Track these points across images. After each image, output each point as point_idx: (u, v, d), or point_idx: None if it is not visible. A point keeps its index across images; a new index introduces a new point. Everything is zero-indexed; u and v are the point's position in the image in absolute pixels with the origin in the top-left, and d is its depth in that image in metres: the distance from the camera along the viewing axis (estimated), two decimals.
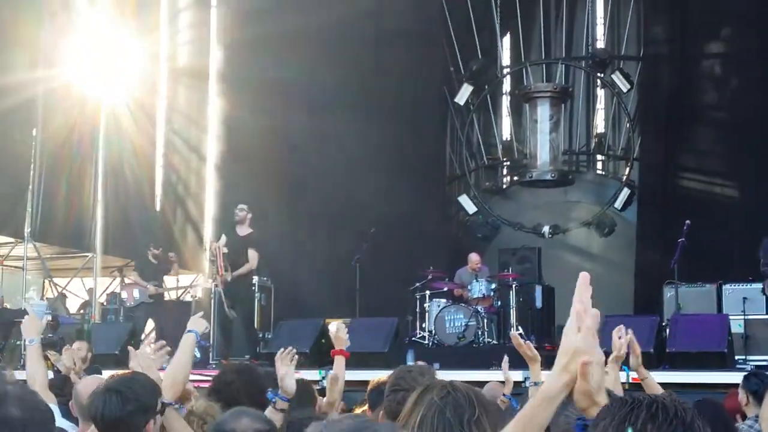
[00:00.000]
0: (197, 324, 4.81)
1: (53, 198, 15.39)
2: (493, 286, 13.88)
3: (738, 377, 6.97)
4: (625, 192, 18.04)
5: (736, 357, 11.39)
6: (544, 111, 18.35)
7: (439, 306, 13.47)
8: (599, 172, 20.52)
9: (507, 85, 20.47)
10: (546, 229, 18.35)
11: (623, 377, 5.37)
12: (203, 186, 17.97)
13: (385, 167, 17.53)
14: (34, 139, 15.10)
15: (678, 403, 1.98)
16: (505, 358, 7.21)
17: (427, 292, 13.96)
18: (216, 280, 12.91)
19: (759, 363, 11.12)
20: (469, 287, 13.82)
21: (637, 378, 5.28)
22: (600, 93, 20.08)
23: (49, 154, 15.30)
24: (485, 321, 13.28)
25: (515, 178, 20.04)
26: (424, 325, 13.67)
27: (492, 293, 13.75)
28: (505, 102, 20.53)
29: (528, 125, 18.92)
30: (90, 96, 15.99)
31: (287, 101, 17.41)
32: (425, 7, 18.81)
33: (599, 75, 19.00)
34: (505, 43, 20.15)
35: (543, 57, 19.64)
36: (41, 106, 15.18)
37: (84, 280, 16.95)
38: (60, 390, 6.00)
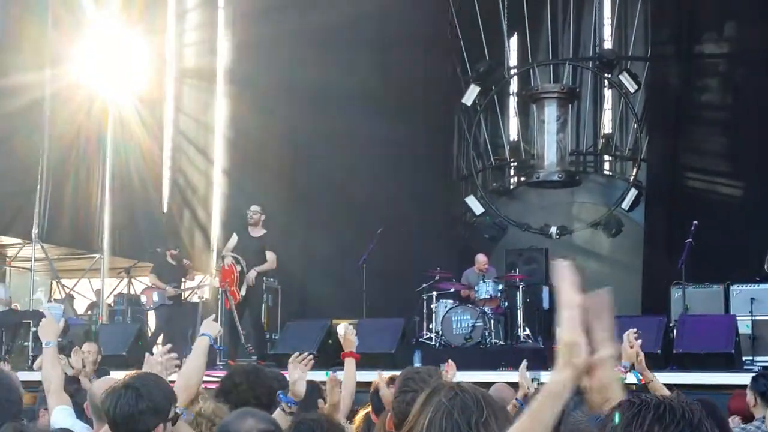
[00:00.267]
0: (210, 327, 4.81)
1: (60, 199, 15.41)
2: (500, 287, 13.88)
3: (746, 378, 6.96)
4: (633, 192, 18.01)
5: (743, 358, 11.38)
6: (551, 111, 18.32)
7: (446, 307, 13.48)
8: (606, 172, 20.48)
9: (514, 86, 20.45)
10: (553, 230, 18.33)
11: (633, 380, 5.35)
12: (210, 187, 17.98)
13: (392, 168, 17.53)
14: (41, 141, 15.13)
15: (685, 404, 1.98)
16: (524, 362, 7.16)
17: (434, 292, 13.97)
18: (228, 298, 12.74)
19: (767, 364, 11.10)
20: (476, 288, 13.82)
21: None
22: (607, 93, 20.03)
23: (57, 155, 15.32)
24: (492, 322, 13.28)
25: (522, 178, 20.01)
26: (431, 326, 13.68)
27: (499, 294, 13.75)
28: (512, 102, 20.50)
29: (535, 126, 18.90)
30: (97, 97, 16.01)
31: (294, 102, 17.42)
32: (432, 8, 18.81)
33: (606, 75, 18.97)
34: (512, 44, 20.13)
35: (550, 57, 19.61)
36: (48, 107, 15.20)
37: (91, 281, 16.98)
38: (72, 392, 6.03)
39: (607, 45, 19.40)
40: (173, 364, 4.52)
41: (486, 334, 13.06)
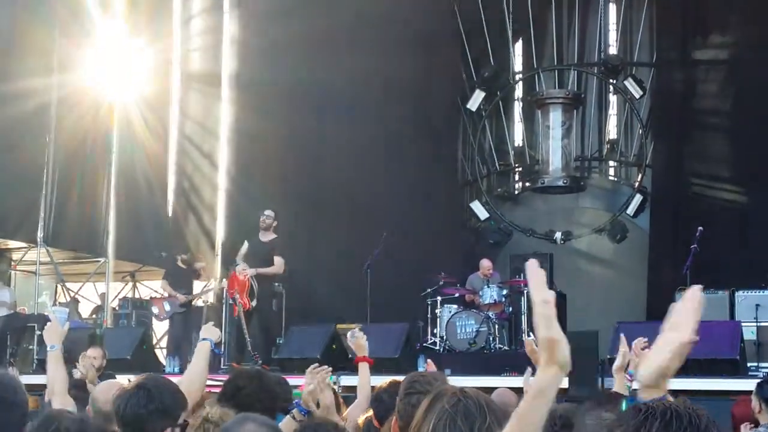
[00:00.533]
0: (211, 332, 4.82)
1: (66, 203, 15.44)
2: (505, 292, 13.86)
3: (750, 384, 6.95)
4: (638, 198, 18.00)
5: (748, 364, 11.34)
6: (556, 117, 18.32)
7: (451, 312, 13.47)
8: (611, 178, 20.48)
9: (519, 91, 20.45)
10: (558, 236, 18.31)
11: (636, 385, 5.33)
12: (215, 191, 18.00)
13: (397, 173, 17.53)
14: (47, 145, 15.16)
15: (692, 410, 1.97)
16: (528, 370, 7.15)
17: (439, 297, 13.96)
18: (237, 306, 12.65)
19: None
20: (480, 293, 13.81)
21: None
22: (612, 99, 20.03)
23: (62, 159, 15.36)
24: (496, 327, 13.26)
25: (527, 184, 20.01)
26: (435, 331, 13.67)
27: (503, 299, 13.73)
28: (518, 108, 20.50)
29: (540, 131, 18.90)
30: (103, 102, 16.05)
31: (300, 107, 17.43)
32: (437, 14, 18.82)
33: (612, 81, 18.97)
34: (518, 50, 20.14)
35: (555, 63, 19.61)
36: (55, 112, 15.24)
37: (96, 284, 17.00)
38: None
39: (613, 51, 19.39)
40: None
41: (490, 339, 13.04)
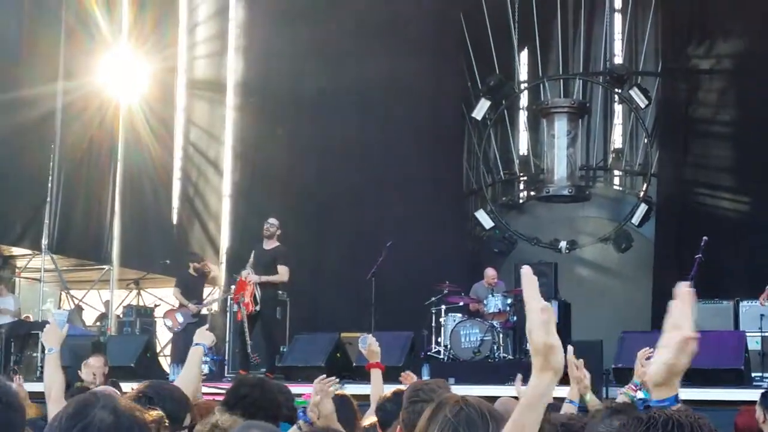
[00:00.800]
0: (204, 337, 4.81)
1: (71, 211, 15.46)
2: (509, 301, 13.83)
3: (755, 394, 6.92)
4: (643, 208, 17.96)
5: (752, 374, 11.32)
6: (561, 126, 18.31)
7: (455, 320, 13.45)
8: (616, 187, 20.45)
9: (524, 100, 20.45)
10: (563, 245, 18.28)
11: (642, 397, 5.32)
12: (220, 199, 18.03)
13: (402, 181, 17.52)
14: (52, 152, 15.19)
15: (694, 420, 1.97)
16: (519, 376, 7.14)
17: (443, 306, 13.95)
18: (241, 310, 12.61)
19: None
20: (485, 302, 13.79)
21: None
22: (617, 108, 20.01)
23: (68, 166, 15.38)
24: (501, 336, 13.24)
25: (532, 192, 19.99)
26: (439, 340, 13.66)
27: (508, 308, 13.71)
28: (522, 117, 20.50)
29: (545, 140, 18.89)
30: (108, 109, 16.08)
31: (305, 115, 17.47)
32: (443, 23, 18.83)
33: (617, 90, 18.96)
34: (523, 58, 20.14)
35: (560, 72, 19.61)
36: (60, 119, 15.27)
37: (100, 292, 17.01)
38: None
39: (618, 60, 19.37)
40: None
41: (494, 348, 13.02)
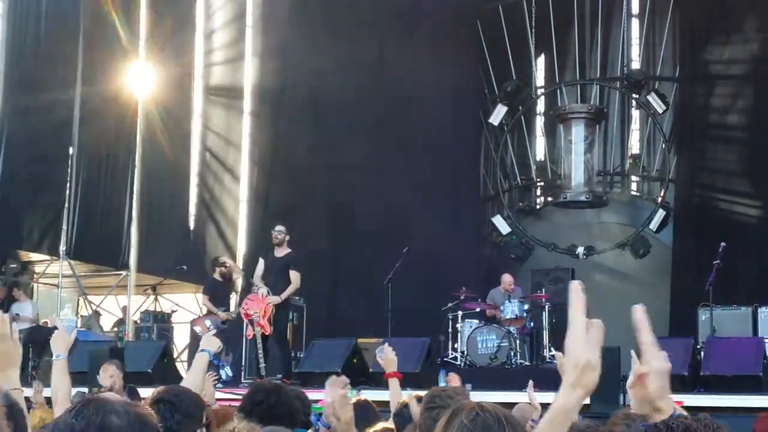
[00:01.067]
0: (210, 343, 4.81)
1: (89, 216, 15.52)
2: (526, 306, 13.81)
3: None
4: (661, 213, 17.89)
5: None
6: (578, 132, 18.27)
7: (472, 326, 13.43)
8: (634, 193, 20.39)
9: (541, 106, 20.42)
10: (580, 250, 18.23)
11: None
12: (237, 204, 18.06)
13: (419, 187, 17.52)
14: (70, 158, 15.24)
15: (713, 428, 1.95)
16: (530, 383, 7.11)
17: (460, 312, 13.93)
18: (254, 330, 12.55)
19: None
20: (502, 308, 13.76)
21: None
22: (635, 113, 19.94)
23: (85, 172, 15.44)
24: (518, 342, 13.22)
25: (549, 198, 19.95)
26: (456, 346, 13.64)
27: (525, 314, 13.68)
28: (539, 122, 20.47)
29: (562, 146, 18.85)
30: (126, 115, 16.13)
31: (322, 121, 17.50)
32: (460, 29, 18.83)
33: (634, 96, 18.90)
34: (540, 64, 20.11)
35: (577, 78, 19.57)
36: (78, 125, 15.33)
37: (118, 297, 17.06)
38: None
39: (635, 65, 19.32)
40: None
41: (511, 354, 12.99)
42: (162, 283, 17.35)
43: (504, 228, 18.72)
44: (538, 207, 20.34)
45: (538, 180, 20.32)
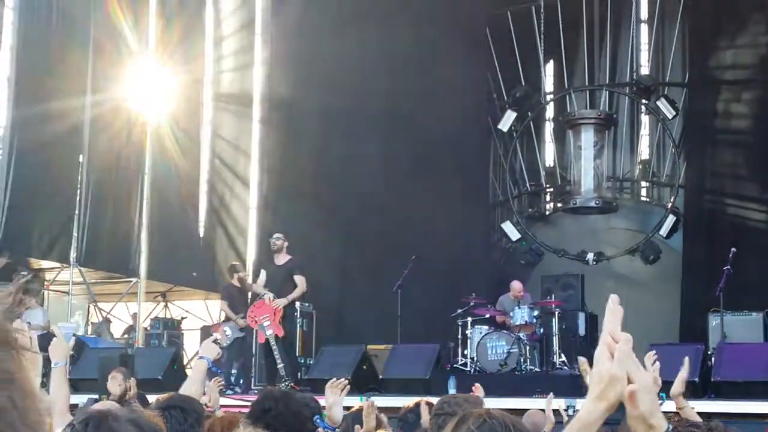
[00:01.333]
0: (209, 350, 4.81)
1: (99, 223, 15.54)
2: (536, 313, 13.80)
3: None
4: (671, 219, 17.84)
5: None
6: (588, 137, 18.24)
7: (481, 333, 13.42)
8: (644, 198, 20.35)
9: (550, 112, 20.41)
10: (590, 256, 18.19)
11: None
12: (247, 211, 18.08)
13: (428, 193, 17.52)
14: (80, 165, 15.28)
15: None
16: (551, 395, 7.09)
17: (469, 318, 13.92)
18: (266, 333, 12.55)
19: None
20: (511, 314, 13.75)
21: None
22: (644, 119, 19.93)
23: (95, 180, 15.47)
24: (527, 348, 13.20)
25: (559, 204, 19.92)
26: (465, 352, 13.63)
27: (534, 320, 13.67)
28: (549, 128, 20.46)
29: (572, 152, 18.82)
30: (136, 123, 16.17)
31: (331, 127, 17.51)
32: (468, 35, 18.84)
33: (644, 101, 18.87)
34: (549, 70, 20.11)
35: (587, 83, 19.55)
36: (88, 132, 15.37)
37: (128, 304, 17.08)
38: None
39: (645, 71, 19.30)
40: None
41: (521, 360, 12.98)
42: (172, 290, 17.37)
43: (513, 234, 18.69)
44: (547, 213, 20.33)
45: (547, 186, 20.31)
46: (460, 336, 13.94)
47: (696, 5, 17.84)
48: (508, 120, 18.79)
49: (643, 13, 19.66)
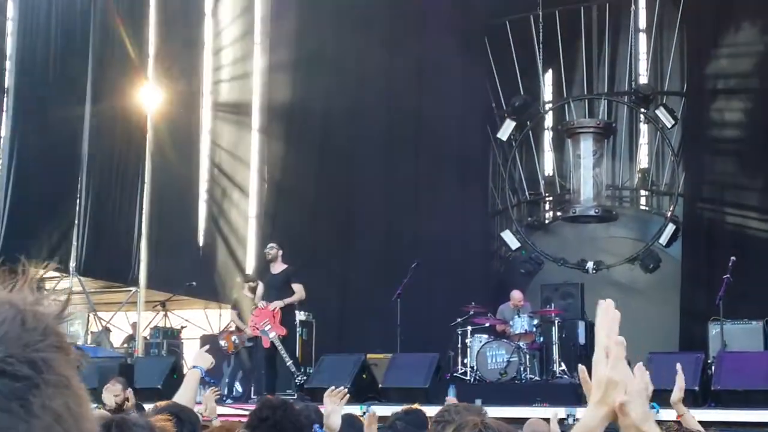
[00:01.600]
0: (202, 359, 4.81)
1: (98, 233, 15.55)
2: (536, 321, 13.79)
3: None
4: (670, 227, 17.83)
5: None
6: (587, 146, 18.24)
7: (481, 342, 13.41)
8: (643, 207, 20.35)
9: (549, 121, 20.42)
10: (590, 265, 18.17)
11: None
12: (246, 220, 18.08)
13: (428, 202, 17.54)
14: (80, 174, 15.29)
15: None
16: (556, 413, 7.07)
17: (469, 327, 13.90)
18: (269, 337, 12.60)
19: None
20: (511, 323, 13.74)
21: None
22: (643, 128, 19.94)
23: (95, 189, 15.48)
24: (527, 357, 13.18)
25: (558, 213, 19.92)
26: (465, 361, 13.61)
27: (534, 329, 13.66)
28: (548, 137, 20.47)
29: (571, 160, 18.83)
30: (135, 131, 16.19)
31: (331, 136, 17.52)
32: (467, 44, 18.87)
33: (643, 110, 18.88)
34: (548, 79, 20.13)
35: (585, 92, 19.57)
36: (87, 141, 15.39)
37: (128, 314, 17.07)
38: None
39: (643, 80, 19.31)
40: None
41: (521, 369, 12.96)
42: (171, 299, 17.36)
43: (513, 243, 18.68)
44: (547, 222, 20.33)
45: (546, 195, 20.32)
46: (459, 345, 13.92)
47: (694, 14, 17.85)
48: (507, 129, 18.78)
49: (642, 23, 19.69)
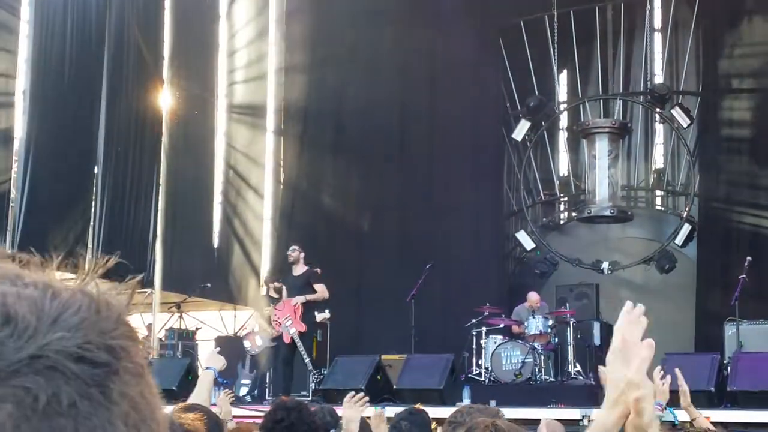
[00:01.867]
0: (215, 361, 4.82)
1: (113, 234, 15.59)
2: (550, 322, 13.76)
3: None
4: (686, 228, 17.75)
5: None
6: (602, 146, 18.18)
7: (496, 343, 13.39)
8: (658, 207, 20.28)
9: (564, 121, 20.37)
10: (605, 266, 18.11)
11: (670, 417, 5.25)
12: (261, 222, 18.11)
13: (443, 203, 17.53)
14: (95, 177, 15.34)
15: None
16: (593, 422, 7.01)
17: (484, 328, 13.89)
18: (290, 332, 12.66)
19: None
20: (526, 324, 13.72)
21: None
22: (659, 128, 19.87)
23: (110, 190, 15.53)
24: (542, 358, 13.16)
25: (573, 213, 19.86)
26: (480, 362, 13.60)
27: (549, 330, 13.63)
28: (563, 138, 20.42)
29: (586, 161, 18.78)
30: (150, 133, 16.23)
31: (344, 138, 17.54)
32: (481, 45, 18.84)
33: (658, 110, 18.81)
34: (562, 79, 20.08)
35: (600, 92, 19.50)
36: (102, 143, 15.43)
37: (143, 315, 17.11)
38: None
39: (659, 79, 19.23)
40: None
41: (536, 370, 12.94)
42: (186, 301, 17.39)
43: (528, 243, 18.62)
44: (562, 222, 20.27)
45: (561, 195, 20.26)
46: (474, 346, 13.91)
47: (709, 13, 17.78)
48: (521, 129, 18.74)
49: (657, 22, 19.62)
